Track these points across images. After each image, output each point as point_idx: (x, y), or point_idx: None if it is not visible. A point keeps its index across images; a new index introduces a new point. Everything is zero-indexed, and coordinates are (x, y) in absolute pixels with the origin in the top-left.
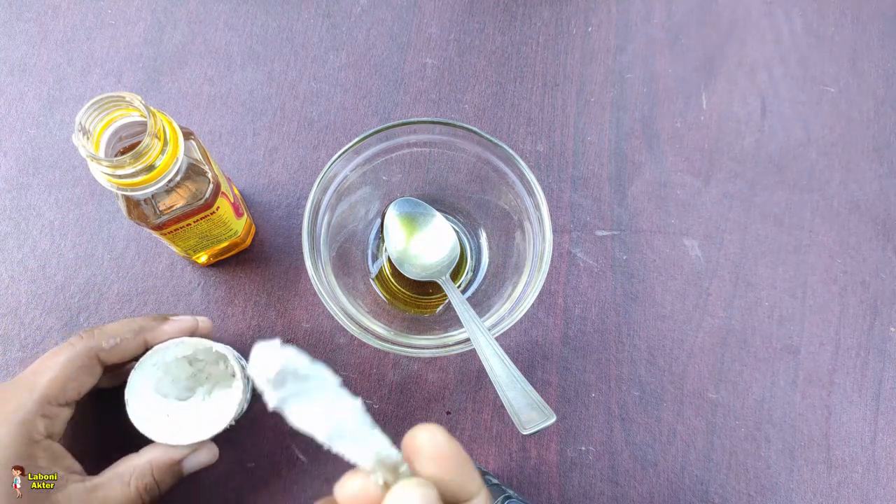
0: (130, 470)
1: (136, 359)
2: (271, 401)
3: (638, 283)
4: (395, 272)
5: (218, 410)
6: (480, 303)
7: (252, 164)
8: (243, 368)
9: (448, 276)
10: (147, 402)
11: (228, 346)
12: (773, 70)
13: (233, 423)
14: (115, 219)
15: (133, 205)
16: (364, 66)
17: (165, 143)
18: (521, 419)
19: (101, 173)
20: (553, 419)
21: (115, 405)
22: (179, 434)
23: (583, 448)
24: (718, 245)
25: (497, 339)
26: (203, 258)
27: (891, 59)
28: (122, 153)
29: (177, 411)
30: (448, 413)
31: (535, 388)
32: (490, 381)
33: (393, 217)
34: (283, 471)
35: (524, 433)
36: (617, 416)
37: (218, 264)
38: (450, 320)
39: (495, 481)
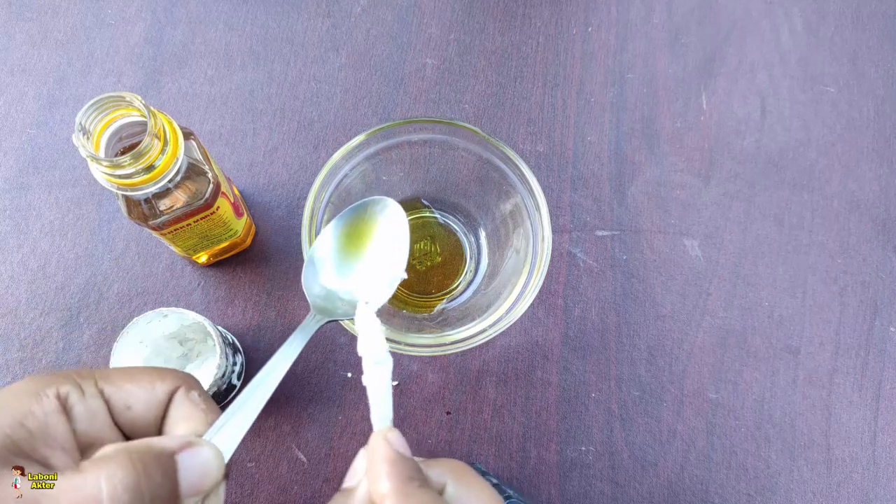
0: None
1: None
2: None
3: (638, 283)
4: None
5: (202, 377)
6: (479, 302)
7: (252, 164)
8: (227, 345)
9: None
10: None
11: (205, 318)
12: (773, 70)
13: (219, 387)
14: (115, 219)
15: (133, 205)
16: (364, 66)
17: (165, 143)
18: None
19: (101, 173)
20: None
21: None
22: None
23: (583, 448)
24: (718, 245)
25: (497, 338)
26: (203, 258)
27: (891, 59)
28: (122, 153)
29: None
30: (448, 413)
31: (534, 387)
32: (489, 381)
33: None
34: (283, 471)
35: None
36: (617, 416)
37: (218, 264)
38: (447, 319)
39: (495, 481)
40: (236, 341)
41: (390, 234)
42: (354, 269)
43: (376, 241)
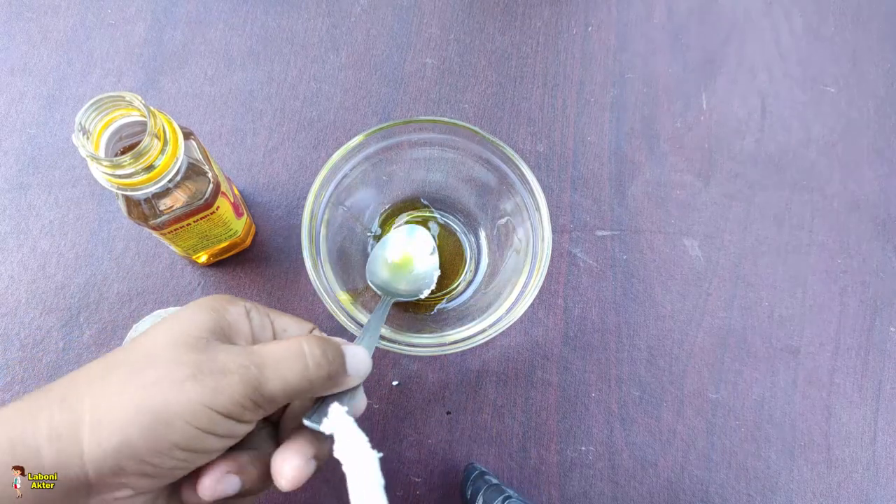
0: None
1: None
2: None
3: (638, 283)
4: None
5: None
6: (479, 302)
7: (252, 164)
8: None
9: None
10: None
11: None
12: (773, 70)
13: None
14: (115, 219)
15: (133, 205)
16: (364, 66)
17: (165, 143)
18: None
19: (100, 173)
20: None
21: None
22: None
23: (583, 448)
24: (718, 245)
25: (497, 338)
26: (203, 258)
27: (891, 59)
28: (122, 153)
29: None
30: (448, 413)
31: (534, 387)
32: (489, 381)
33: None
34: None
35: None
36: (617, 416)
37: (218, 264)
38: (447, 319)
39: (495, 481)
40: None
41: (427, 249)
42: (407, 267)
43: (418, 253)
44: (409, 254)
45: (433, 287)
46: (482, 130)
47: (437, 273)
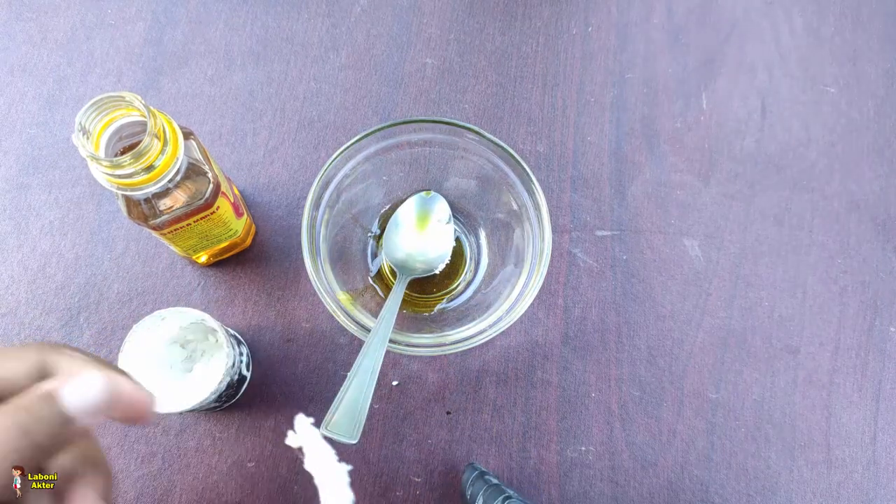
0: None
1: None
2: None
3: (638, 283)
4: (394, 271)
5: (207, 377)
6: (479, 302)
7: (252, 164)
8: (230, 336)
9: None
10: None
11: (204, 313)
12: (773, 70)
13: (224, 390)
14: (115, 219)
15: (133, 205)
16: (364, 66)
17: (165, 143)
18: (332, 418)
19: (100, 173)
20: (353, 441)
21: None
22: (174, 403)
23: (583, 448)
24: (718, 245)
25: (497, 338)
26: (203, 258)
27: (891, 59)
28: (123, 153)
29: (169, 383)
30: (448, 413)
31: (534, 387)
32: (489, 381)
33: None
34: (283, 471)
35: (320, 430)
36: (617, 416)
37: (218, 264)
38: (447, 319)
39: (495, 481)
40: (237, 334)
41: (443, 219)
42: (422, 239)
43: (433, 223)
44: (426, 216)
45: (448, 260)
46: (482, 130)
47: (453, 244)
